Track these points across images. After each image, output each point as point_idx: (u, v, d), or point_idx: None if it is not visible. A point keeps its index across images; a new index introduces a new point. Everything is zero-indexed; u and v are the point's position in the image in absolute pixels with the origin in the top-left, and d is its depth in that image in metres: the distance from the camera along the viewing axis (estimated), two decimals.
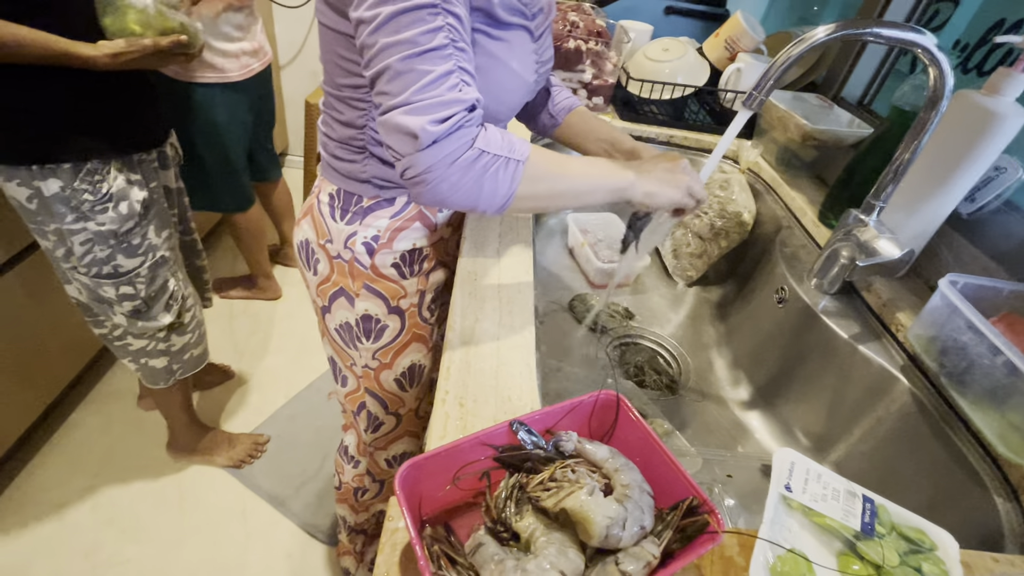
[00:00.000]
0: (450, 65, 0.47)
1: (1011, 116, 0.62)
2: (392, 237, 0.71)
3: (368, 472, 0.99)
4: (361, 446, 0.95)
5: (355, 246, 0.71)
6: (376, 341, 0.78)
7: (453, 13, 0.47)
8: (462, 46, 0.48)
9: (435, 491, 0.39)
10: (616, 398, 0.43)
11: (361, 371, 0.83)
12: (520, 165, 0.51)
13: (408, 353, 0.81)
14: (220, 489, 1.42)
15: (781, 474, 0.43)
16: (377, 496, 1.05)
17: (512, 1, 0.59)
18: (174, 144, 1.17)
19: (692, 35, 1.35)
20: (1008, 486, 0.54)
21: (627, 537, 0.35)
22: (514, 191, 0.51)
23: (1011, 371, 0.52)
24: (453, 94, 0.47)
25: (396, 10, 0.45)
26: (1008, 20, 0.97)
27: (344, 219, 0.71)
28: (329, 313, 0.79)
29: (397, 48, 0.46)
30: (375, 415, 0.87)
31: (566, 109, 0.81)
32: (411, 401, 0.87)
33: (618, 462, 0.40)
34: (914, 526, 0.42)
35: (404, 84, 0.46)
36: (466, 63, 0.49)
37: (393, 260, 0.73)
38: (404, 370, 0.82)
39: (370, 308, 0.76)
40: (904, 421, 0.65)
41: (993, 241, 0.71)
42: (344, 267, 0.73)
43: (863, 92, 1.09)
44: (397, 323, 0.78)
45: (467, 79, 0.49)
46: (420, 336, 0.81)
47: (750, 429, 0.84)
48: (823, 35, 0.59)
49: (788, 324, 0.84)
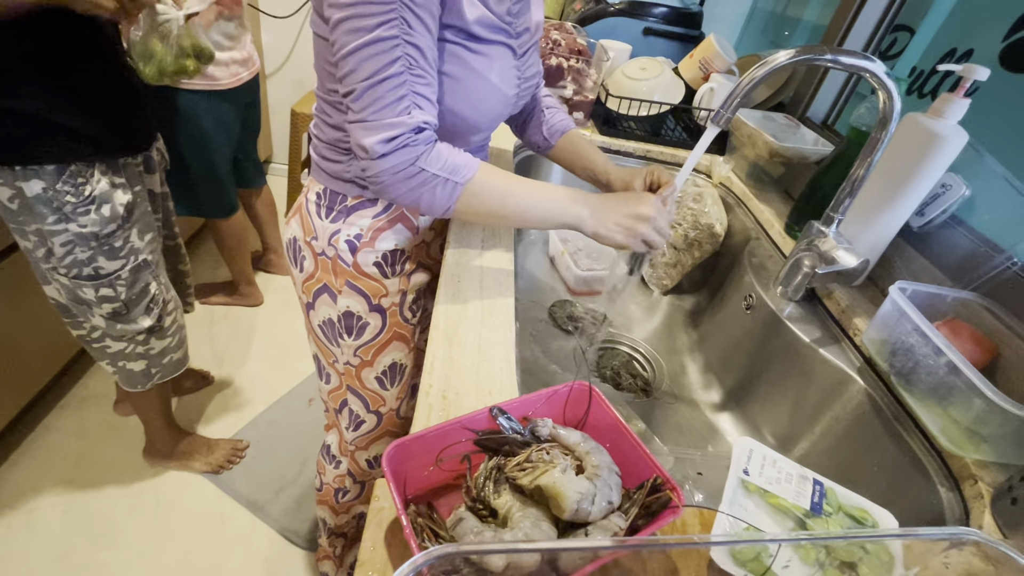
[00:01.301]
0: (403, 91, 0.55)
1: (953, 137, 0.68)
2: (374, 237, 0.74)
3: (349, 473, 1.00)
4: (343, 445, 0.97)
5: (338, 243, 0.74)
6: (358, 338, 0.81)
7: (413, 44, 0.55)
8: (419, 72, 0.56)
9: (419, 471, 0.41)
10: (588, 388, 0.47)
11: (343, 368, 0.85)
12: (459, 187, 0.60)
13: (389, 351, 0.83)
14: (197, 494, 1.41)
15: (740, 459, 0.46)
16: (357, 498, 1.05)
17: (492, 20, 0.64)
18: (160, 149, 1.18)
19: (668, 55, 1.42)
20: (950, 476, 0.58)
21: (596, 511, 0.38)
22: (452, 205, 0.61)
23: (952, 370, 0.57)
24: (402, 118, 0.56)
25: (362, 42, 0.53)
26: (959, 49, 1.05)
27: (329, 217, 0.74)
28: (313, 309, 0.82)
29: (360, 73, 0.54)
30: (356, 413, 0.89)
31: (559, 132, 0.86)
32: (392, 400, 0.89)
33: (589, 445, 0.43)
34: (858, 506, 0.45)
35: (363, 104, 0.55)
36: (422, 87, 0.57)
37: (375, 259, 0.76)
38: (385, 368, 0.85)
39: (352, 305, 0.78)
40: (860, 418, 0.70)
41: (940, 252, 0.76)
42: (328, 264, 0.76)
43: (827, 113, 1.15)
44: (378, 321, 0.80)
45: (420, 103, 0.57)
46: (401, 335, 0.84)
47: (720, 430, 0.88)
48: (784, 59, 0.64)
49: (756, 330, 0.88)
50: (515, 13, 0.68)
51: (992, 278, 0.68)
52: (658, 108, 1.23)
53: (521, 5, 0.70)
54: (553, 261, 1.14)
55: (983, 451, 0.56)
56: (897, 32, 1.15)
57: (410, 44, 0.54)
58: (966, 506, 0.55)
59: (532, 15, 0.73)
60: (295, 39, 2.46)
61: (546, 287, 1.09)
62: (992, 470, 0.56)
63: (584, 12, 1.46)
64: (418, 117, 0.56)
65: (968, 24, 1.03)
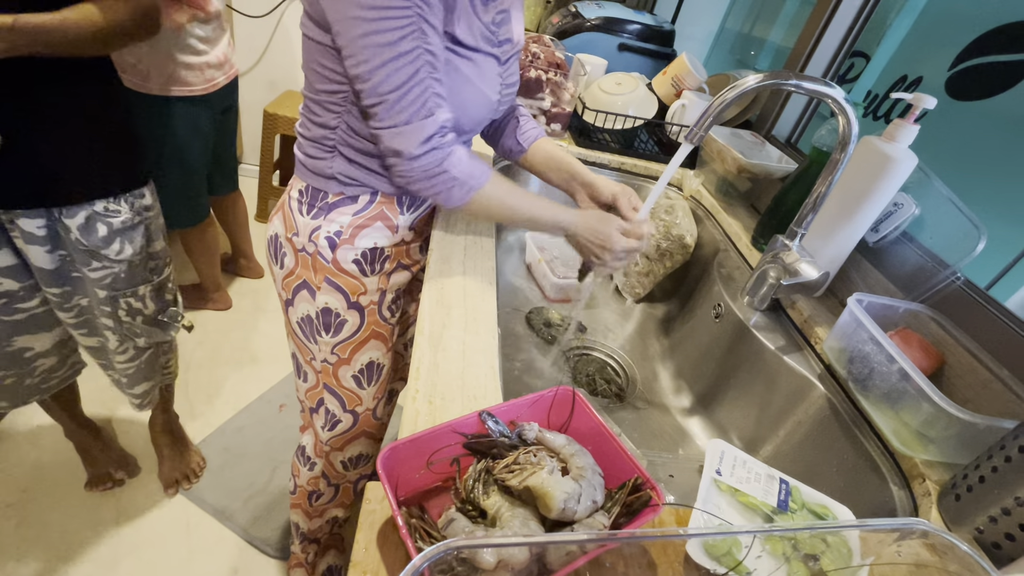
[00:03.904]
0: (427, 96, 0.60)
1: (905, 160, 0.73)
2: (354, 234, 0.76)
3: (323, 475, 1.00)
4: (318, 446, 0.96)
5: (318, 240, 0.76)
6: (335, 335, 0.82)
7: (430, 51, 0.59)
8: (437, 76, 0.61)
9: (410, 474, 0.42)
10: (572, 393, 0.49)
11: (320, 366, 0.85)
12: (473, 191, 0.67)
13: (367, 350, 0.85)
14: (161, 504, 1.37)
15: (713, 460, 0.49)
16: (331, 501, 1.05)
17: (481, 29, 0.68)
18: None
19: (643, 71, 1.47)
20: (901, 475, 0.63)
21: (581, 510, 0.40)
22: (465, 204, 0.68)
23: (903, 377, 0.62)
24: (430, 119, 0.61)
25: (389, 57, 0.57)
26: (909, 76, 1.12)
27: (310, 213, 0.76)
28: (292, 306, 0.83)
29: (388, 84, 0.58)
30: (333, 412, 0.90)
31: (532, 139, 0.89)
32: (368, 400, 0.90)
33: (573, 448, 0.45)
34: (820, 503, 0.49)
35: (395, 112, 0.60)
36: (439, 89, 0.62)
37: (354, 256, 0.77)
38: (362, 367, 0.86)
39: (330, 302, 0.79)
40: (820, 422, 0.74)
41: (893, 266, 0.82)
42: (308, 260, 0.78)
43: (790, 131, 1.22)
44: (356, 318, 0.81)
45: (440, 102, 0.62)
46: (379, 334, 0.85)
47: (690, 434, 0.92)
48: (753, 83, 0.68)
49: (724, 338, 0.93)
50: (498, 23, 0.72)
51: (939, 291, 0.74)
52: (632, 122, 1.27)
53: (503, 16, 0.73)
54: (530, 268, 1.16)
55: (931, 452, 0.60)
56: (855, 58, 1.22)
57: (428, 51, 0.59)
58: (915, 503, 0.60)
59: (513, 27, 0.76)
60: (269, 39, 2.43)
61: (523, 294, 1.11)
62: (939, 469, 0.61)
63: (562, 26, 1.49)
64: (441, 116, 0.62)
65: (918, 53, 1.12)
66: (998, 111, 0.91)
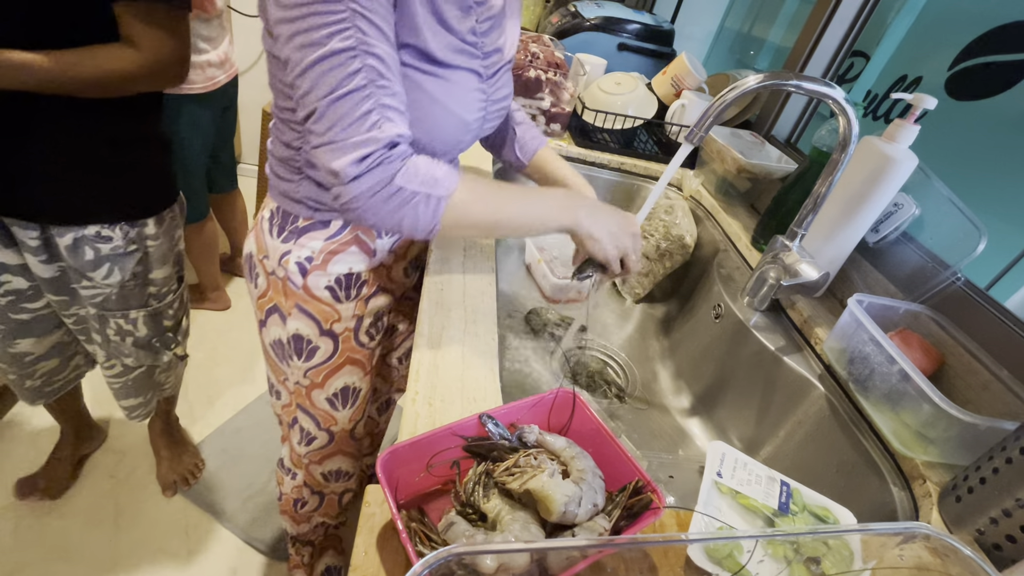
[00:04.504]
0: (369, 104, 0.50)
1: (905, 160, 0.73)
2: (327, 260, 0.71)
3: (306, 484, 0.97)
4: (295, 458, 0.94)
5: (288, 265, 0.70)
6: (307, 360, 0.77)
7: (372, 53, 0.49)
8: (384, 84, 0.51)
9: (410, 477, 0.42)
10: (573, 395, 0.49)
11: (293, 387, 0.82)
12: (442, 201, 0.54)
13: (341, 375, 0.80)
14: (159, 504, 1.37)
15: (714, 463, 0.49)
16: (317, 509, 1.03)
17: (454, 42, 0.59)
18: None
19: (642, 71, 1.47)
20: (901, 476, 0.63)
21: (582, 513, 0.40)
22: (437, 223, 0.55)
23: (903, 377, 0.61)
24: (372, 133, 0.50)
25: (316, 57, 0.48)
26: (909, 76, 1.12)
27: (280, 236, 0.71)
28: (265, 327, 0.79)
29: (319, 91, 0.49)
30: (307, 430, 0.87)
31: (532, 151, 0.85)
32: (344, 422, 0.86)
33: (574, 451, 0.45)
34: (821, 505, 0.49)
35: (327, 124, 0.50)
36: (389, 98, 0.51)
37: (327, 283, 0.72)
38: (336, 391, 0.82)
39: (301, 328, 0.74)
40: (820, 422, 0.74)
41: (893, 266, 0.82)
42: (279, 284, 0.73)
43: (790, 132, 1.21)
44: (329, 345, 0.77)
45: (390, 115, 0.51)
46: (356, 360, 0.80)
47: (690, 434, 0.92)
48: (753, 84, 0.68)
49: (724, 338, 0.92)
50: (483, 32, 0.63)
51: (939, 292, 0.74)
52: (632, 122, 1.27)
53: (491, 23, 0.65)
54: (529, 269, 1.16)
55: (931, 453, 0.60)
56: (854, 57, 1.22)
57: (369, 54, 0.49)
58: (916, 504, 0.60)
59: (506, 34, 0.68)
60: None
61: (522, 295, 1.11)
62: (939, 470, 0.60)
63: (561, 26, 1.49)
64: (389, 131, 0.51)
65: (917, 53, 1.11)
66: (998, 111, 0.90)
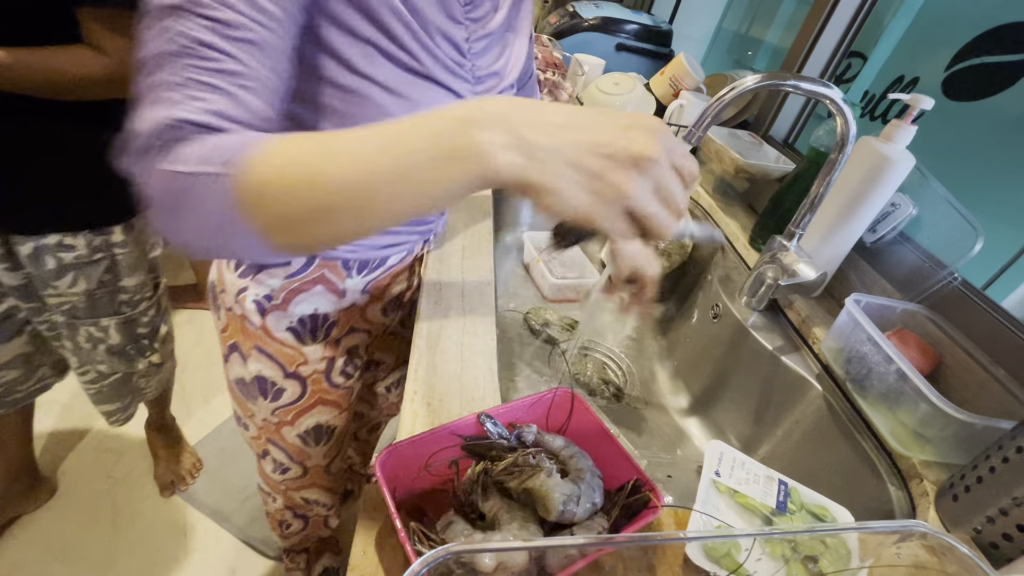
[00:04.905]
0: (187, 76, 0.35)
1: (902, 161, 0.73)
2: (287, 299, 0.63)
3: (287, 507, 0.93)
4: (271, 484, 0.88)
5: (245, 303, 0.63)
6: (274, 400, 0.71)
7: (206, 16, 0.35)
8: (213, 65, 0.35)
9: (408, 477, 0.42)
10: (571, 395, 0.49)
11: (261, 423, 0.75)
12: (223, 179, 0.33)
13: (313, 415, 0.74)
14: (157, 504, 1.36)
15: (712, 462, 0.49)
16: (303, 530, 1.00)
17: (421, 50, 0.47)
18: None
19: (640, 71, 1.47)
20: (899, 475, 0.63)
21: (581, 512, 0.40)
22: (236, 219, 0.33)
23: (901, 377, 0.62)
24: (173, 109, 0.34)
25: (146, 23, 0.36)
26: (906, 77, 1.13)
27: (237, 270, 0.64)
28: (227, 363, 0.72)
29: (142, 51, 0.36)
30: (280, 462, 0.81)
31: None
32: (319, 457, 0.81)
33: (572, 450, 0.45)
34: (819, 504, 0.49)
35: (140, 83, 0.36)
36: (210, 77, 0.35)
37: (288, 324, 0.64)
38: (308, 429, 0.75)
39: (263, 370, 0.67)
40: (818, 422, 0.74)
41: (890, 266, 0.82)
42: (237, 322, 0.65)
43: (788, 132, 1.22)
44: (297, 388, 0.70)
45: (207, 97, 0.35)
46: (329, 400, 0.74)
47: (688, 434, 0.92)
48: (751, 83, 0.68)
49: (722, 338, 0.93)
50: (477, 52, 0.53)
51: (936, 291, 0.74)
52: None
53: (487, 42, 0.53)
54: (528, 269, 1.16)
55: (928, 452, 0.61)
56: (852, 58, 1.23)
57: (201, 16, 0.34)
58: (913, 503, 0.60)
59: (509, 54, 0.58)
60: None
61: (521, 294, 1.11)
62: (936, 469, 0.61)
63: (559, 26, 1.49)
64: (194, 107, 0.34)
65: (914, 54, 1.12)
66: (995, 111, 0.91)
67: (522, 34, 0.60)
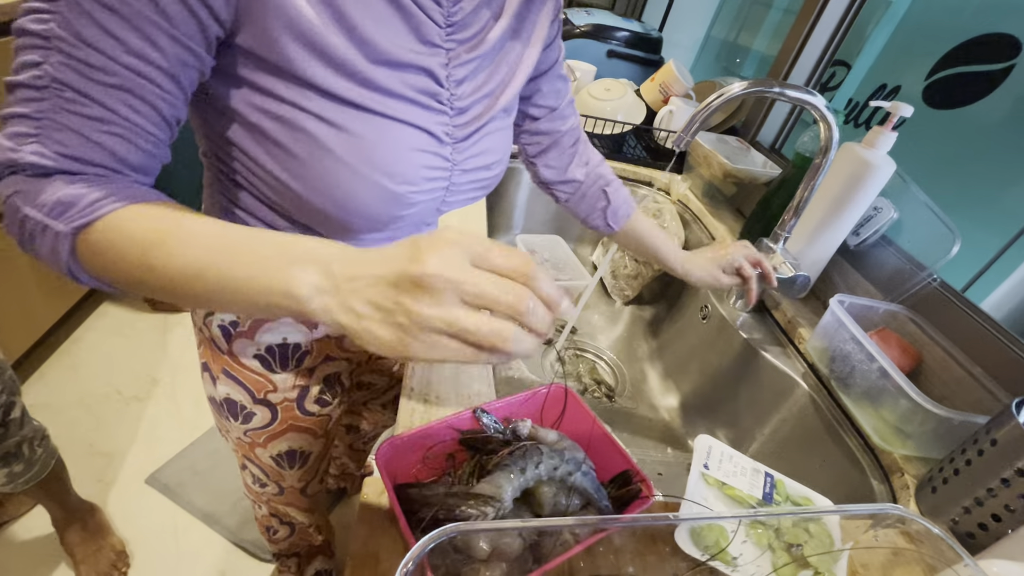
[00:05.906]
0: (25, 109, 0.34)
1: (883, 166, 0.76)
2: (254, 327, 0.59)
3: (272, 515, 0.91)
4: (254, 494, 0.86)
5: (211, 326, 0.60)
6: (245, 423, 0.68)
7: (71, 56, 0.33)
8: (78, 100, 0.34)
9: (406, 469, 0.43)
10: (565, 390, 0.50)
11: (235, 441, 0.73)
12: (62, 238, 0.35)
13: (285, 440, 0.71)
14: (148, 507, 1.36)
15: (701, 455, 0.51)
16: (290, 537, 0.98)
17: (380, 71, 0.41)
18: None
19: (631, 78, 1.49)
20: (881, 469, 0.65)
21: (573, 504, 0.41)
22: (71, 266, 0.36)
23: (882, 375, 0.64)
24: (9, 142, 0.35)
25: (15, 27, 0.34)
26: (888, 85, 1.16)
27: None
28: (202, 379, 0.69)
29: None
30: (258, 477, 0.79)
31: (625, 216, 0.76)
32: (294, 480, 0.78)
33: (566, 443, 0.46)
34: (803, 495, 0.51)
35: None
36: (67, 116, 0.34)
37: (256, 352, 0.61)
38: (281, 453, 0.72)
39: (232, 394, 0.64)
40: (804, 419, 0.76)
41: (873, 268, 0.84)
42: (207, 343, 0.63)
43: (775, 138, 1.25)
44: (267, 413, 0.66)
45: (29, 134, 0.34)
46: (302, 428, 0.70)
47: (678, 432, 0.94)
48: (738, 90, 0.70)
49: (711, 338, 0.95)
50: (460, 80, 0.46)
51: (916, 292, 0.77)
52: (621, 127, 1.29)
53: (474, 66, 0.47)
54: None
55: (908, 447, 0.63)
56: (836, 66, 1.26)
57: (69, 56, 0.33)
58: (895, 496, 0.62)
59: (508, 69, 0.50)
60: None
61: None
62: (916, 464, 0.63)
63: None
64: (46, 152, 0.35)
65: (896, 63, 1.15)
66: (973, 119, 0.94)
67: (532, 42, 0.52)
